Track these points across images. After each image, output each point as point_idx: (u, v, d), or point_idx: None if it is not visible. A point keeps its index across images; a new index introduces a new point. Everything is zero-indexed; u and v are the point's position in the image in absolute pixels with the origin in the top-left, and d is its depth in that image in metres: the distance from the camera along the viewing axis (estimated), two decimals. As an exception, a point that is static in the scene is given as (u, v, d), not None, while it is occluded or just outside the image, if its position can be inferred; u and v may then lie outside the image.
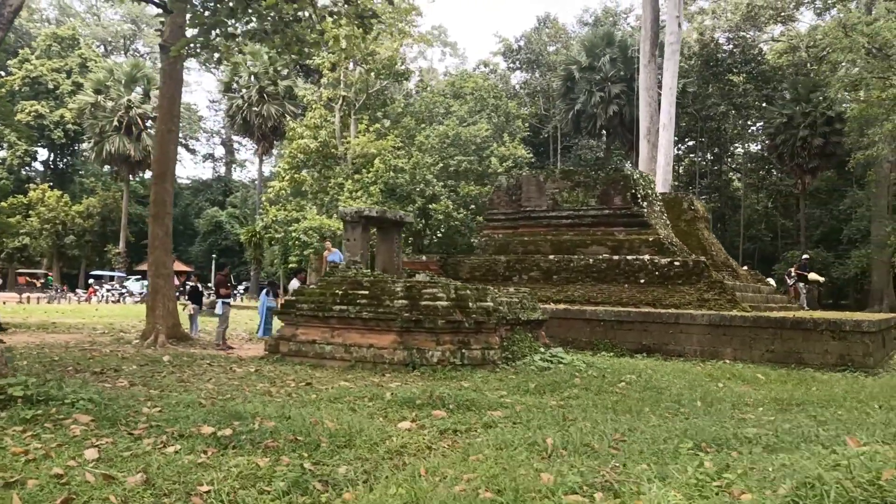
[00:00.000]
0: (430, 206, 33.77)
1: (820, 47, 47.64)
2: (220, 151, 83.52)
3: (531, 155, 38.65)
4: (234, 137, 75.34)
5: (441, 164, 35.07)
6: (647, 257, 17.55)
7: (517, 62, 54.04)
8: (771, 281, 24.16)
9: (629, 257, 17.72)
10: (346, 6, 11.78)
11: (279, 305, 18.02)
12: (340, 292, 12.30)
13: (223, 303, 15.06)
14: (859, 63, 25.40)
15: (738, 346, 14.49)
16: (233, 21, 10.98)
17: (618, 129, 41.82)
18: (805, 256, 25.35)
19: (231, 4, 10.30)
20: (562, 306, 16.46)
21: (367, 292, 12.09)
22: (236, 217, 65.78)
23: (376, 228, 14.90)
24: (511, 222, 20.16)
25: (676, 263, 17.17)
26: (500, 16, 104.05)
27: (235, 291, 38.49)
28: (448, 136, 36.09)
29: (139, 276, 51.41)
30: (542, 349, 13.00)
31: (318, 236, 34.87)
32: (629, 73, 41.34)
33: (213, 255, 60.05)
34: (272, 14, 10.89)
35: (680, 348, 15.00)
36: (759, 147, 60.82)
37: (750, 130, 59.84)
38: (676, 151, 49.41)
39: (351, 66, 40.23)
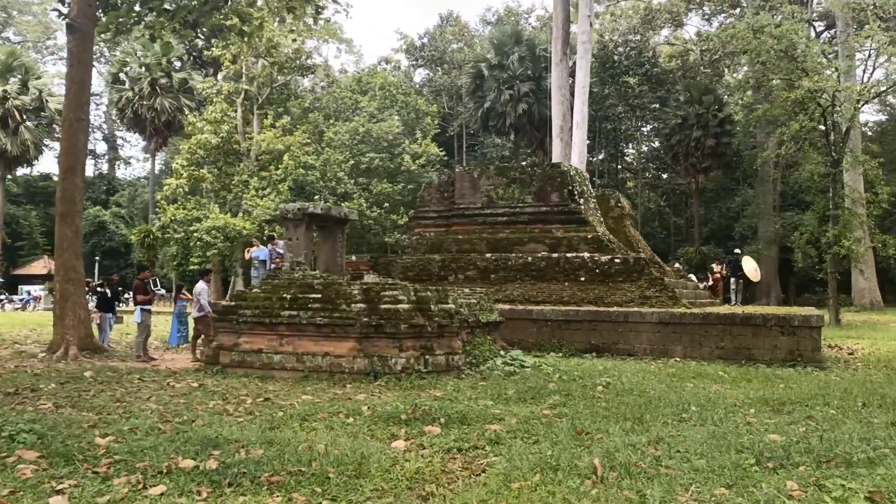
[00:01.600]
0: (343, 204, 32.61)
1: (713, 51, 49.54)
2: (101, 147, 78.64)
3: (444, 152, 38.10)
4: (119, 133, 71.13)
5: (352, 162, 33.99)
6: (586, 255, 17.27)
7: (420, 59, 53.40)
8: (693, 277, 24.53)
9: (569, 255, 17.38)
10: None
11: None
12: (289, 296, 11.25)
13: (142, 310, 13.60)
14: (768, 65, 26.13)
15: (687, 343, 14.36)
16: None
17: (526, 127, 41.91)
18: (737, 251, 25.87)
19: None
20: (506, 306, 15.90)
21: (319, 296, 11.10)
22: (122, 217, 62.08)
23: (318, 227, 13.86)
24: (444, 220, 19.47)
25: (617, 261, 16.96)
26: (395, 13, 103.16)
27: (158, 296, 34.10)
28: (358, 132, 35.03)
29: None
30: (502, 352, 12.39)
31: (223, 237, 33.12)
32: (538, 72, 41.46)
33: (97, 258, 56.39)
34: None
35: (629, 347, 14.74)
36: (650, 148, 62.90)
37: (644, 131, 61.71)
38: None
39: (253, 58, 38.46)
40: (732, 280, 23.98)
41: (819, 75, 24.72)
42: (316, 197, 34.17)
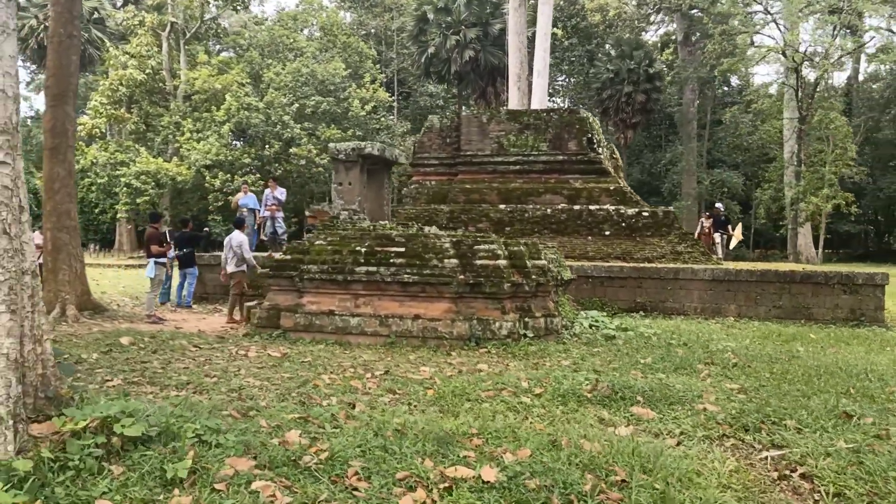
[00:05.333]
0: (291, 150, 30.32)
1: (648, 3, 49.30)
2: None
3: (392, 98, 36.03)
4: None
5: (296, 105, 31.57)
6: (611, 207, 16.31)
7: (347, 0, 50.48)
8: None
9: (591, 207, 16.37)
10: None
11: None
12: (364, 250, 9.66)
13: (156, 263, 11.58)
14: (741, 16, 25.77)
15: (742, 301, 13.69)
16: None
17: (470, 75, 40.32)
18: (718, 205, 25.58)
19: None
20: (539, 262, 14.74)
21: (402, 249, 9.57)
22: (10, 160, 56.37)
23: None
24: (446, 168, 18.01)
25: (645, 214, 16.10)
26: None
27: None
28: (301, 73, 32.55)
29: None
30: (582, 313, 11.29)
31: (154, 182, 30.19)
32: (484, 18, 39.84)
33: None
34: None
35: (679, 305, 13.94)
36: (572, 101, 62.80)
37: (560, 85, 61.39)
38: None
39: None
40: (717, 235, 23.67)
41: (795, 29, 24.54)
42: (259, 142, 31.60)
